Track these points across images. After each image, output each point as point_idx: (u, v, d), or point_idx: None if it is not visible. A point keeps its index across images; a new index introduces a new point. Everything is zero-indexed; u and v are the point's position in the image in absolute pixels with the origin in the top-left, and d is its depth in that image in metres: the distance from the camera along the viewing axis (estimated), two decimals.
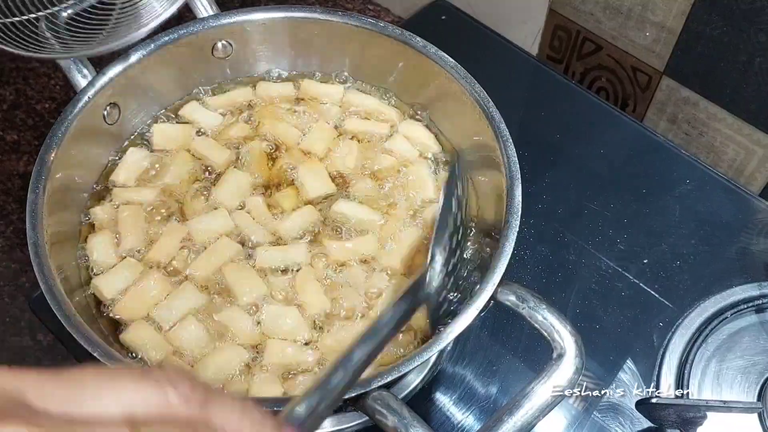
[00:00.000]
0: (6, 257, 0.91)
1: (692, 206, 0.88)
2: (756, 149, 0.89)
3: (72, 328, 0.58)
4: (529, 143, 0.83)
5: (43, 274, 0.60)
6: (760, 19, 0.78)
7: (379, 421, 0.55)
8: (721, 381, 0.75)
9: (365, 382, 0.55)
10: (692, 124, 0.94)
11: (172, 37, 0.73)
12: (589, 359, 0.74)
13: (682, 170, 0.91)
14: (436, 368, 0.77)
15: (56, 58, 0.66)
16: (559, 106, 0.98)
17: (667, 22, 0.87)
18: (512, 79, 1.02)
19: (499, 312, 0.80)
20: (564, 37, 1.01)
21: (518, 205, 0.64)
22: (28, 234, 0.62)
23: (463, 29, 1.06)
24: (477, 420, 0.74)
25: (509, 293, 0.60)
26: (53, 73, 1.07)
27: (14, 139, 1.02)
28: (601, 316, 0.80)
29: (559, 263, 0.84)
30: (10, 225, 0.94)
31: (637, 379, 0.76)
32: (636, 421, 0.74)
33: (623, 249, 0.85)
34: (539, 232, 0.86)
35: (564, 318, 0.58)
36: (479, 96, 0.70)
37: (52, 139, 0.67)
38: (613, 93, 1.02)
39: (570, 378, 0.55)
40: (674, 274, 0.83)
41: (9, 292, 0.88)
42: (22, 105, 1.05)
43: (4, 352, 0.84)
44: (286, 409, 0.40)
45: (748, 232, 0.86)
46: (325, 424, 0.73)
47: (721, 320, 0.78)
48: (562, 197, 0.89)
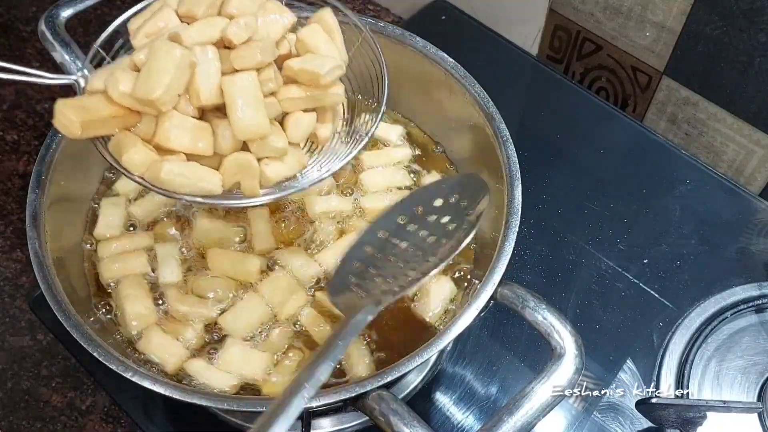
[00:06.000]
0: (6, 257, 0.91)
1: (692, 206, 0.88)
2: (756, 149, 0.89)
3: (72, 328, 0.58)
4: (529, 143, 0.83)
5: (43, 274, 0.60)
6: (760, 19, 0.78)
7: (379, 421, 0.55)
8: (721, 381, 0.75)
9: (365, 382, 0.55)
10: (692, 124, 0.94)
11: None
12: (589, 359, 0.74)
13: (682, 170, 0.91)
14: (436, 368, 0.77)
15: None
16: (559, 106, 0.98)
17: (667, 22, 0.87)
18: (512, 79, 1.02)
19: (499, 312, 0.80)
20: (564, 37, 1.01)
21: (518, 205, 0.64)
22: (28, 234, 0.62)
23: (463, 29, 1.06)
24: (477, 420, 0.74)
25: (509, 293, 0.60)
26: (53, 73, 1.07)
27: (14, 139, 1.02)
28: (601, 316, 0.80)
29: (559, 263, 0.84)
30: (10, 225, 0.94)
31: (637, 379, 0.76)
32: (636, 421, 0.74)
33: (623, 249, 0.85)
34: (539, 232, 0.86)
35: (564, 318, 0.58)
36: (479, 96, 0.71)
37: (52, 139, 0.67)
38: (613, 93, 1.02)
39: (570, 378, 0.56)
40: (674, 274, 0.83)
41: (9, 292, 0.88)
42: (22, 105, 1.05)
43: (4, 352, 0.84)
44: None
45: (748, 232, 0.86)
46: (325, 424, 0.74)
47: (721, 320, 0.78)
48: (562, 197, 0.89)
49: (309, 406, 0.56)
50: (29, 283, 0.88)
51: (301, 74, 0.59)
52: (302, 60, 0.60)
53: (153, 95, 0.53)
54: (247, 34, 0.56)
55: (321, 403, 0.55)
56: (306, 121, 0.61)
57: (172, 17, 0.59)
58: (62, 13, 0.72)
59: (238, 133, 0.56)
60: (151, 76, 0.53)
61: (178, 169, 0.55)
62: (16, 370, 0.83)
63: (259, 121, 0.56)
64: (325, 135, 0.64)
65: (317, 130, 0.63)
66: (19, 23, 1.15)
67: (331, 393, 0.55)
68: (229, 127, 0.57)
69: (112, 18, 0.64)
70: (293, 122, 0.60)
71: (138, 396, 0.76)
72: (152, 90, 0.53)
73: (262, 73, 0.57)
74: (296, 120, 0.60)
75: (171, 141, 0.55)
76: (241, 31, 0.56)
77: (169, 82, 0.53)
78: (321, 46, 0.61)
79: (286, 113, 0.60)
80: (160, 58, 0.54)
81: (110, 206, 0.74)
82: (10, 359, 0.83)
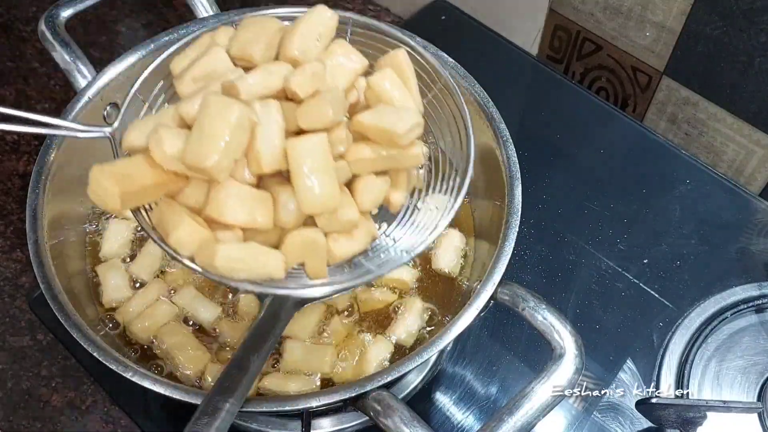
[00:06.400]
0: (6, 257, 0.91)
1: (692, 206, 0.88)
2: (756, 149, 0.89)
3: (72, 328, 0.58)
4: (529, 143, 0.83)
5: (43, 274, 0.60)
6: (760, 19, 0.78)
7: (379, 421, 0.55)
8: (721, 381, 0.75)
9: (365, 382, 0.55)
10: (692, 124, 0.94)
11: (172, 37, 0.73)
12: (589, 359, 0.74)
13: (682, 170, 0.91)
14: (436, 368, 0.77)
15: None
16: (559, 106, 0.98)
17: (667, 22, 0.87)
18: (512, 79, 1.02)
19: (499, 312, 0.80)
20: (564, 37, 1.01)
21: (518, 205, 0.64)
22: (28, 234, 0.62)
23: (463, 29, 1.06)
24: (477, 420, 0.74)
25: (509, 293, 0.60)
26: (53, 73, 1.07)
27: (14, 139, 1.02)
28: (601, 316, 0.80)
29: (559, 263, 0.84)
30: (10, 225, 0.94)
31: (637, 379, 0.76)
32: (636, 421, 0.74)
33: (623, 249, 0.85)
34: (539, 232, 0.86)
35: (564, 318, 0.58)
36: (479, 96, 0.70)
37: (52, 139, 0.67)
38: (613, 93, 1.02)
39: (570, 378, 0.55)
40: (674, 274, 0.83)
41: (9, 292, 0.88)
42: (22, 105, 1.05)
43: (4, 352, 0.84)
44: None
45: (748, 232, 0.86)
46: (325, 424, 0.74)
47: (721, 320, 0.78)
48: (562, 197, 0.89)
49: (309, 406, 0.56)
50: (29, 283, 0.88)
51: (374, 132, 0.50)
52: (375, 115, 0.51)
53: (207, 163, 0.45)
54: (315, 86, 0.49)
55: (321, 403, 0.55)
56: (379, 187, 0.52)
57: (223, 59, 0.51)
58: (62, 13, 0.72)
59: (306, 207, 0.48)
60: (205, 139, 0.45)
61: (236, 253, 0.47)
62: (16, 370, 0.83)
63: (329, 192, 0.48)
64: (400, 201, 0.56)
65: (390, 195, 0.55)
66: (19, 23, 1.15)
67: (331, 393, 0.55)
68: (293, 198, 0.49)
69: (112, 18, 0.62)
70: (364, 187, 0.52)
71: (138, 396, 0.76)
72: (206, 156, 0.45)
73: (333, 133, 0.49)
74: (367, 185, 0.52)
75: (226, 215, 0.47)
76: (308, 82, 0.48)
77: (226, 146, 0.45)
78: (395, 95, 0.52)
79: (354, 175, 0.52)
80: (215, 116, 0.46)
81: (109, 271, 0.70)
82: (10, 359, 0.83)
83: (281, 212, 0.49)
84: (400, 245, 0.56)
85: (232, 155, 0.46)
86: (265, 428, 0.72)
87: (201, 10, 0.76)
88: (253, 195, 0.48)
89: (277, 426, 0.72)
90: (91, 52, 1.06)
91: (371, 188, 0.52)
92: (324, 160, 0.48)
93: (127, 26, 1.08)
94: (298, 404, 0.56)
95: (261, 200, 0.49)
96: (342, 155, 0.51)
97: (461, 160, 0.56)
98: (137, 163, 0.48)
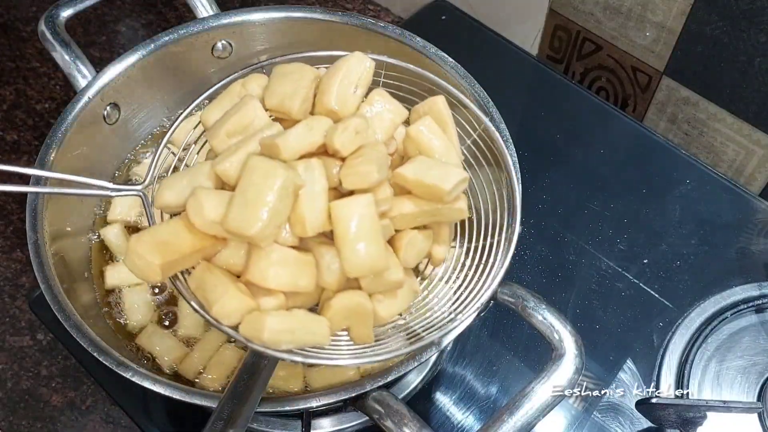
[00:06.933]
0: (6, 257, 0.91)
1: (692, 206, 0.88)
2: (756, 149, 0.89)
3: (72, 328, 0.58)
4: (529, 143, 0.83)
5: (43, 274, 0.60)
6: (760, 19, 0.78)
7: (379, 421, 0.55)
8: (721, 381, 0.75)
9: (365, 382, 0.55)
10: (692, 124, 0.94)
11: (172, 37, 0.73)
12: (589, 359, 0.74)
13: (682, 170, 0.91)
14: (436, 368, 0.77)
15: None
16: (559, 106, 0.98)
17: (667, 22, 0.87)
18: (512, 79, 1.02)
19: (499, 312, 0.80)
20: (564, 37, 1.01)
21: (518, 205, 0.64)
22: (28, 234, 0.62)
23: (463, 29, 1.06)
24: (477, 420, 0.74)
25: (509, 293, 0.60)
26: (53, 73, 1.07)
27: (14, 139, 1.02)
28: (601, 316, 0.80)
29: (559, 263, 0.84)
30: (10, 225, 0.94)
31: (637, 379, 0.76)
32: (636, 421, 0.74)
33: (623, 249, 0.85)
34: (539, 232, 0.86)
35: (564, 318, 0.58)
36: (479, 96, 0.70)
37: (52, 139, 0.67)
38: (613, 93, 1.02)
39: (570, 378, 0.55)
40: (674, 274, 0.83)
41: (9, 292, 0.88)
42: (22, 105, 1.05)
43: (4, 352, 0.84)
44: None
45: (748, 232, 0.86)
46: (325, 424, 0.74)
47: (721, 320, 0.78)
48: (562, 197, 0.89)
49: (309, 406, 0.56)
50: (29, 283, 0.88)
51: (418, 187, 0.49)
52: (418, 169, 0.49)
53: (251, 231, 0.43)
54: (358, 143, 0.47)
55: (321, 403, 0.55)
56: (422, 242, 0.51)
57: (259, 114, 0.49)
58: (62, 13, 0.72)
59: (352, 270, 0.46)
60: (249, 206, 0.43)
61: (283, 325, 0.45)
62: (16, 370, 0.83)
63: (376, 255, 0.46)
64: (442, 256, 0.54)
65: (432, 249, 0.53)
66: (19, 23, 1.15)
67: (331, 393, 0.55)
68: (337, 259, 0.47)
69: (112, 18, 0.62)
70: (408, 244, 0.50)
71: (138, 396, 0.76)
72: (250, 224, 0.43)
73: (377, 192, 0.47)
74: (411, 241, 0.50)
75: (269, 281, 0.45)
76: (351, 140, 0.46)
77: (271, 213, 0.43)
78: (435, 145, 0.51)
79: (397, 230, 0.50)
80: (258, 181, 0.44)
81: (132, 295, 0.69)
82: (10, 359, 0.83)
83: (324, 274, 0.47)
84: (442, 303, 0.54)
85: (276, 222, 0.44)
86: (265, 428, 0.73)
87: (201, 10, 0.76)
88: (295, 258, 0.46)
89: (277, 426, 0.72)
90: (91, 52, 1.06)
91: (414, 244, 0.51)
92: (371, 222, 0.46)
93: (127, 26, 1.08)
94: (298, 404, 0.56)
95: (304, 263, 0.47)
96: (385, 213, 0.49)
97: (503, 210, 0.55)
98: (175, 229, 0.46)
